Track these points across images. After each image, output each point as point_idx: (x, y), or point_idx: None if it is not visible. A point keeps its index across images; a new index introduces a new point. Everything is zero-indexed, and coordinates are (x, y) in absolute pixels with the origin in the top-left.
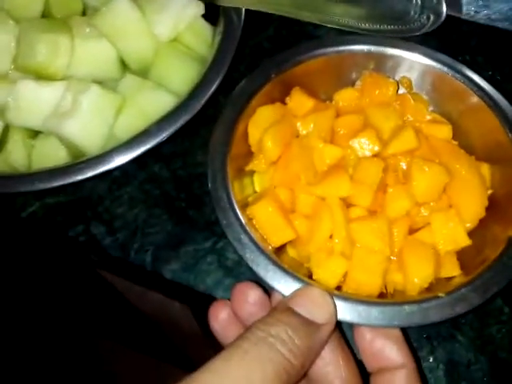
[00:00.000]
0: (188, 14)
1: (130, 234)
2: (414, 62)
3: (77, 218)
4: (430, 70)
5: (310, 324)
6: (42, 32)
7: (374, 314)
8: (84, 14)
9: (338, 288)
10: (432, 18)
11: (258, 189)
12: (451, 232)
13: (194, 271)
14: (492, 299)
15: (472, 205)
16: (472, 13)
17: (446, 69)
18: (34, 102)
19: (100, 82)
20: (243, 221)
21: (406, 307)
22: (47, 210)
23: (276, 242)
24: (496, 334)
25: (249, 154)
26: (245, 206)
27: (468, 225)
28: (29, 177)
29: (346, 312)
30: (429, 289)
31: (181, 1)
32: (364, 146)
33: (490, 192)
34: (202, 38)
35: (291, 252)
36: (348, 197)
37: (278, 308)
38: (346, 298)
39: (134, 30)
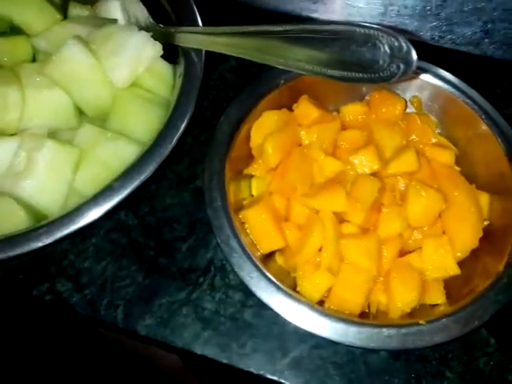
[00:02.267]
0: (146, 56)
1: (99, 290)
2: (425, 83)
3: (40, 276)
4: (440, 92)
5: None
6: None
7: (352, 333)
8: (34, 59)
9: (321, 302)
10: (402, 67)
11: (254, 193)
12: (441, 259)
13: (169, 325)
14: (476, 330)
15: (466, 234)
16: (437, 38)
17: (457, 92)
18: None
19: (56, 132)
20: (234, 224)
21: (385, 330)
22: (8, 269)
23: (265, 248)
24: (484, 366)
25: (249, 157)
26: (239, 209)
27: (459, 254)
28: None
29: (325, 328)
30: (411, 314)
31: (137, 42)
32: (364, 163)
33: (486, 223)
34: (162, 80)
35: (279, 260)
36: (342, 212)
37: None
38: (327, 315)
39: (89, 77)
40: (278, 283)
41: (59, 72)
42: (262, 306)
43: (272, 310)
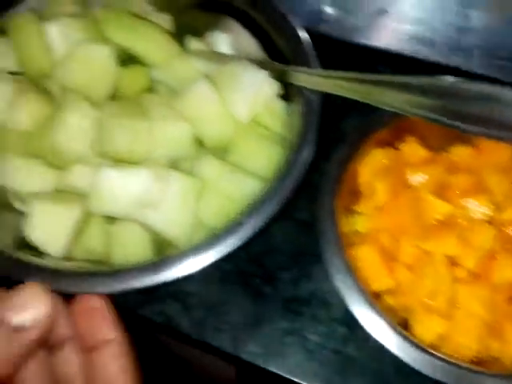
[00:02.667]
0: (265, 94)
1: (205, 313)
2: None
3: (150, 297)
4: None
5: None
6: (120, 117)
7: (462, 376)
8: (151, 89)
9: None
10: None
11: (360, 229)
12: None
13: (272, 353)
14: None
15: None
16: None
17: None
18: (115, 190)
19: (175, 162)
20: (347, 258)
21: (498, 380)
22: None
23: (375, 286)
24: None
25: (356, 194)
26: (347, 244)
27: None
28: (110, 276)
29: (438, 370)
30: None
31: (257, 80)
32: (476, 208)
33: None
34: (278, 118)
35: (388, 298)
36: (454, 256)
37: None
38: (439, 357)
39: (214, 112)
40: (390, 320)
41: (187, 106)
42: (369, 342)
43: (381, 346)
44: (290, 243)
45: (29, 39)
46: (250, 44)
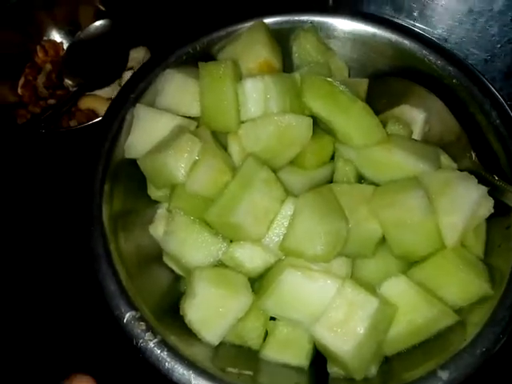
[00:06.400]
0: (480, 215)
1: None
2: None
3: None
4: None
5: None
6: (321, 219)
7: None
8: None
9: None
10: None
11: None
12: None
13: None
14: None
15: None
16: None
17: None
18: (298, 295)
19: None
20: None
21: None
22: None
23: None
24: None
25: None
26: None
27: None
28: None
29: None
30: None
31: (475, 197)
32: None
33: None
34: (482, 239)
35: None
36: None
37: None
38: None
39: (419, 223)
40: None
41: (386, 205)
42: None
43: None
44: None
45: (221, 91)
46: (449, 126)
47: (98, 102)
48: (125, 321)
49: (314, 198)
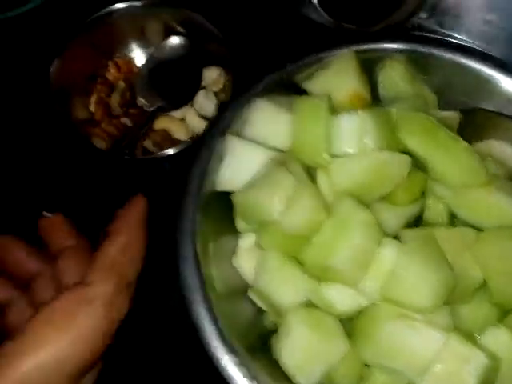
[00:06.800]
0: None
1: None
2: None
3: None
4: None
5: None
6: (428, 267)
7: None
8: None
9: None
10: None
11: None
12: None
13: None
14: None
15: None
16: None
17: None
18: (400, 345)
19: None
20: None
21: None
22: None
23: None
24: None
25: None
26: None
27: None
28: None
29: None
30: None
31: None
32: None
33: None
34: None
35: None
36: None
37: None
38: None
39: None
40: None
41: (496, 262)
42: None
43: None
44: None
45: (316, 126)
46: None
47: (172, 122)
48: (222, 363)
49: (418, 242)
